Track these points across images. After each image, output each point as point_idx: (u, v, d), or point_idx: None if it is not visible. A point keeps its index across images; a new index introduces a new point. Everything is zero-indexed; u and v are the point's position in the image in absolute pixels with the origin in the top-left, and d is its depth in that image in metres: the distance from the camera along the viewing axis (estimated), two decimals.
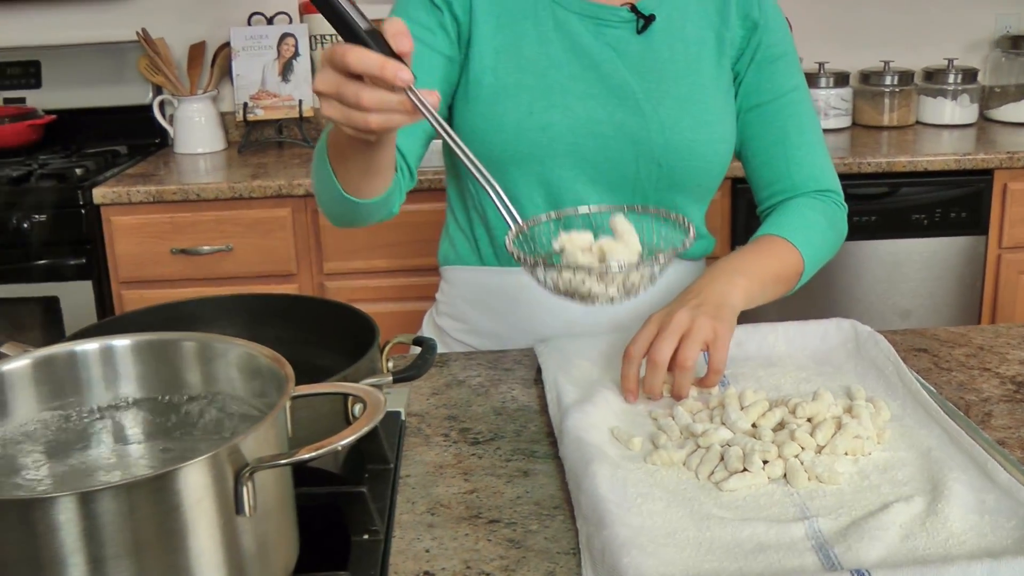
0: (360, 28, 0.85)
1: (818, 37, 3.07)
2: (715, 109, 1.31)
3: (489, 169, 1.22)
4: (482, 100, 1.28)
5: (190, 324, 1.07)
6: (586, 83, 1.28)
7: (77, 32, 3.13)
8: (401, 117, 0.88)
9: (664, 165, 1.29)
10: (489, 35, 1.29)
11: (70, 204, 2.49)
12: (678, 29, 1.31)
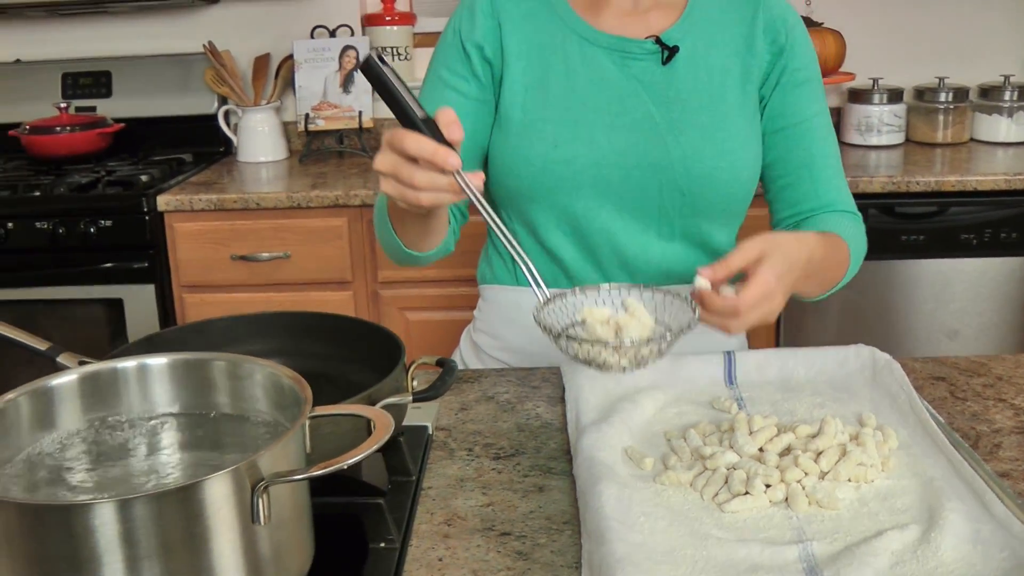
0: (417, 117, 0.97)
1: (873, 52, 3.07)
2: (738, 137, 1.34)
3: (518, 200, 1.31)
4: (512, 134, 1.34)
5: (241, 338, 1.14)
6: (611, 115, 1.32)
7: (146, 44, 3.24)
8: (449, 196, 1.00)
9: (687, 193, 1.33)
10: (519, 72, 1.35)
11: (135, 210, 2.59)
12: (703, 58, 1.34)
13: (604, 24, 1.35)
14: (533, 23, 1.36)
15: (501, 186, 1.37)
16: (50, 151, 2.95)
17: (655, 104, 1.33)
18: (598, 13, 1.36)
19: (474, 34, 1.36)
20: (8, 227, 2.61)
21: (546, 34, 1.36)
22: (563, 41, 1.35)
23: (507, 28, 1.36)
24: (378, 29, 3.13)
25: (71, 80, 3.19)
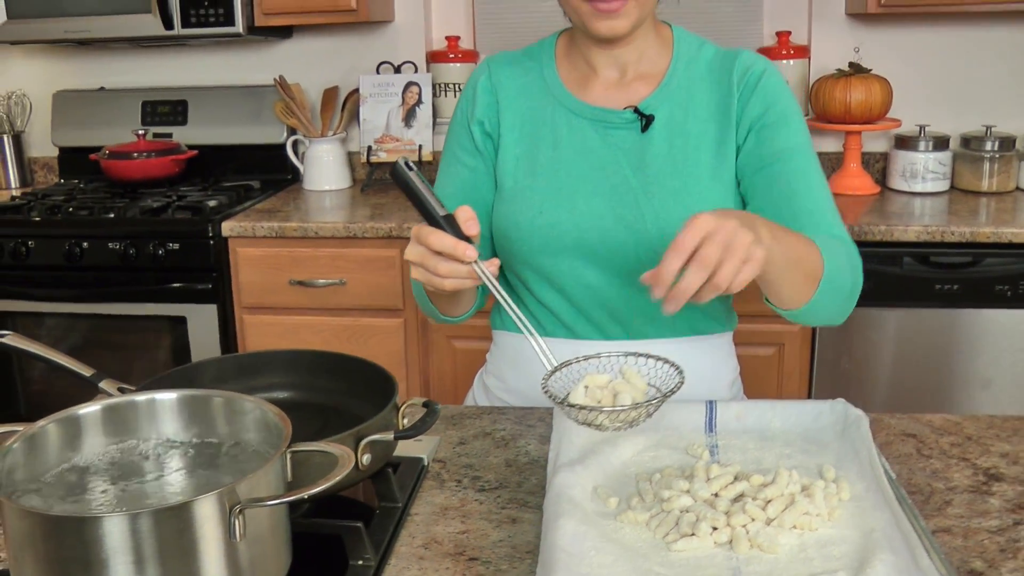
0: (439, 215, 1.15)
1: (920, 100, 3.13)
2: (709, 200, 1.42)
3: (511, 260, 1.43)
4: (504, 201, 1.47)
5: (266, 372, 1.28)
6: (592, 182, 1.43)
7: (222, 75, 3.43)
8: (469, 282, 1.16)
9: (660, 252, 1.41)
10: (512, 144, 1.48)
11: (200, 235, 2.75)
12: (679, 125, 1.44)
13: (590, 96, 1.47)
14: (527, 97, 1.49)
15: (499, 246, 1.50)
16: (127, 175, 3.15)
17: (631, 169, 1.43)
18: (586, 87, 1.48)
19: (476, 112, 1.51)
20: (84, 246, 2.79)
21: (538, 108, 1.48)
22: (552, 114, 1.47)
23: (504, 103, 1.49)
24: (442, 66, 3.27)
25: (150, 108, 3.39)
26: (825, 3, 3.14)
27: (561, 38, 1.53)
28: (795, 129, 1.44)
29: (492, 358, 1.62)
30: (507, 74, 1.52)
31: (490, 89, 1.51)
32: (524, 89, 1.50)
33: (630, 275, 1.45)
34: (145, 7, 2.98)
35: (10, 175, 3.54)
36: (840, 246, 1.37)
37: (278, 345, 2.82)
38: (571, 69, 1.50)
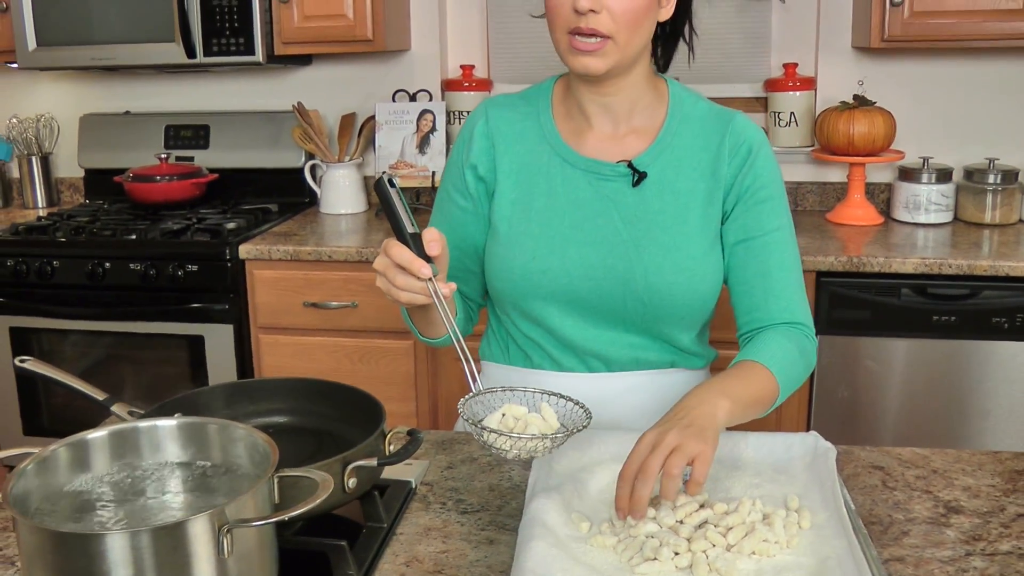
0: (406, 231, 1.26)
1: (925, 132, 3.18)
2: (697, 255, 1.49)
3: (503, 299, 1.52)
4: (499, 244, 1.54)
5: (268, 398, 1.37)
6: (584, 232, 1.50)
7: (243, 100, 3.54)
8: (422, 298, 1.27)
9: (648, 303, 1.49)
10: (508, 189, 1.54)
11: (218, 258, 2.84)
12: (670, 182, 1.50)
13: (585, 148, 1.53)
14: (524, 144, 1.55)
15: (491, 286, 1.58)
16: (149, 197, 3.25)
17: (623, 222, 1.50)
18: (581, 138, 1.54)
19: (471, 156, 1.57)
20: (106, 266, 2.89)
21: (534, 155, 1.54)
22: (547, 163, 1.53)
23: (500, 148, 1.56)
24: (456, 94, 3.36)
25: (173, 132, 3.49)
26: (832, 36, 3.21)
27: (558, 83, 1.59)
28: (780, 211, 1.52)
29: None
30: (505, 120, 1.58)
31: (487, 134, 1.57)
32: (521, 135, 1.56)
33: (616, 322, 1.53)
34: (169, 36, 3.09)
35: (38, 195, 3.65)
36: (795, 351, 1.47)
37: (292, 364, 2.91)
38: (567, 118, 1.56)
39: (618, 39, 1.40)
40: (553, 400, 1.28)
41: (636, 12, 1.40)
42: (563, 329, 1.54)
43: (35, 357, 2.85)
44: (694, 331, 1.58)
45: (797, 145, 3.21)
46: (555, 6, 1.42)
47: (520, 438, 1.17)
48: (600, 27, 1.39)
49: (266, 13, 3.07)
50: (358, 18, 3.04)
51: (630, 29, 1.41)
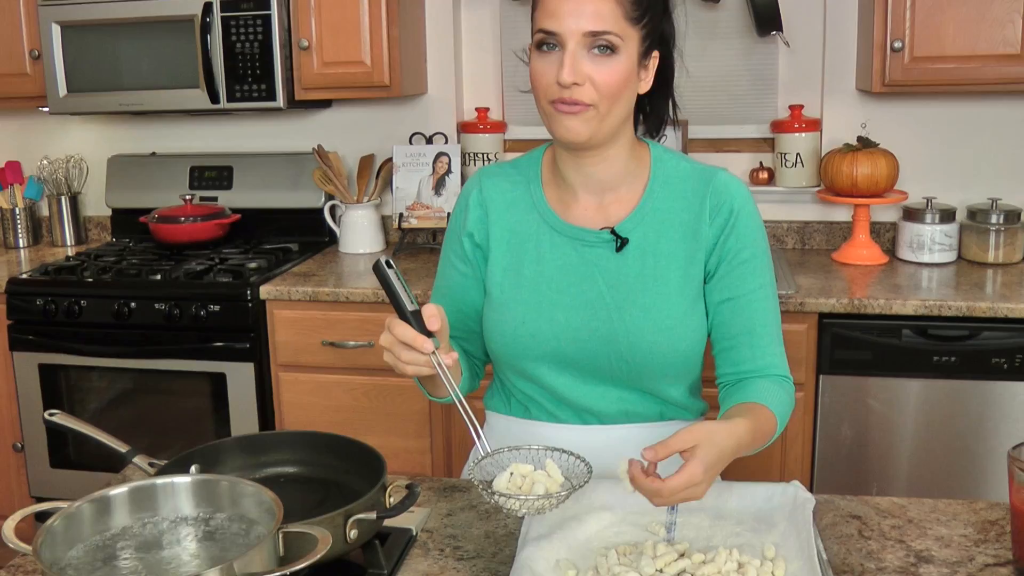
0: (407, 310, 1.36)
1: (928, 172, 3.26)
2: (676, 315, 1.57)
3: (497, 361, 1.64)
4: (492, 308, 1.64)
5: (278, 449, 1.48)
6: (570, 296, 1.59)
7: (265, 142, 3.66)
8: (426, 370, 1.38)
9: (632, 362, 1.58)
10: (500, 256, 1.64)
11: (240, 298, 2.95)
12: (652, 246, 1.58)
13: (572, 216, 1.62)
14: (515, 212, 1.64)
15: (488, 347, 1.69)
16: (174, 238, 3.37)
17: (606, 286, 1.58)
18: (567, 206, 1.62)
19: (467, 224, 1.67)
20: (132, 306, 3.00)
21: (524, 223, 1.64)
22: (536, 230, 1.62)
23: (492, 216, 1.65)
24: (472, 136, 3.46)
25: (197, 172, 3.61)
26: (836, 79, 3.28)
27: (547, 153, 1.68)
28: (762, 268, 1.61)
29: (484, 435, 1.77)
30: (497, 189, 1.67)
31: (481, 203, 1.67)
32: (512, 204, 1.65)
33: (605, 379, 1.61)
34: (194, 82, 3.20)
35: (66, 233, 3.77)
36: (784, 395, 1.59)
37: (310, 401, 3.00)
38: (555, 187, 1.64)
39: (600, 108, 1.49)
40: (556, 455, 1.38)
41: (617, 83, 1.48)
42: (556, 386, 1.62)
43: (63, 392, 2.97)
44: (683, 385, 1.66)
45: (803, 185, 3.29)
46: (539, 77, 1.51)
47: (527, 499, 1.26)
48: (583, 98, 1.47)
49: (287, 60, 3.18)
50: (375, 65, 3.15)
51: (611, 99, 1.49)
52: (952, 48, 2.83)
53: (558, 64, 1.47)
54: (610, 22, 1.46)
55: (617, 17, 1.47)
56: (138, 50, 3.23)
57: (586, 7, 1.45)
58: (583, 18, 1.45)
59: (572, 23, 1.45)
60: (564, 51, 1.46)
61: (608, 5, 1.46)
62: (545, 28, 1.48)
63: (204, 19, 3.15)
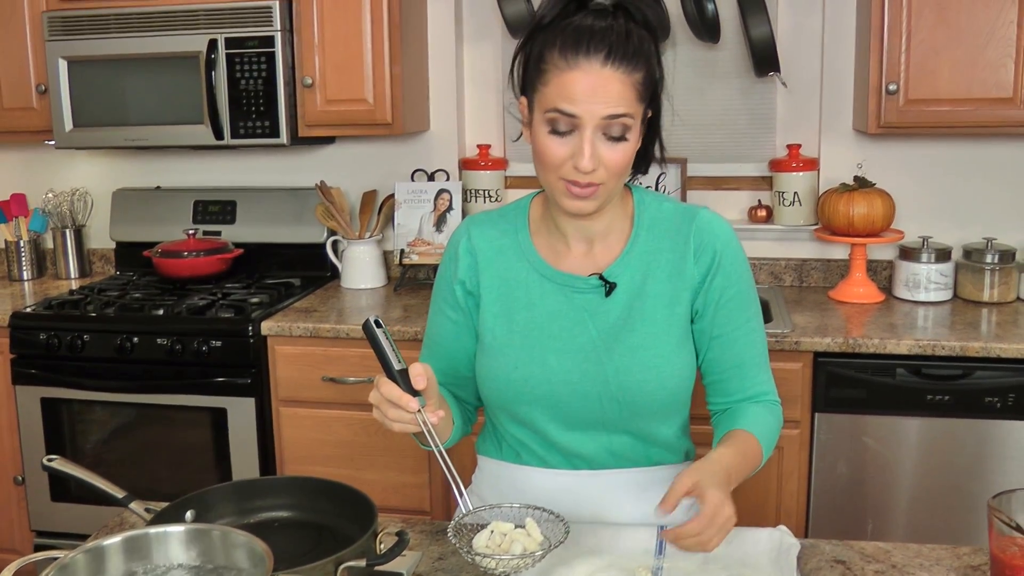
0: (394, 369, 1.40)
1: (924, 211, 3.29)
2: (664, 353, 1.60)
3: (489, 406, 1.68)
4: (484, 354, 1.67)
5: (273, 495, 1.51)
6: (561, 341, 1.62)
7: (268, 177, 3.70)
8: (413, 427, 1.42)
9: (622, 402, 1.60)
10: (491, 302, 1.67)
11: (241, 334, 2.98)
12: (638, 287, 1.62)
13: (561, 263, 1.65)
14: (504, 260, 1.67)
15: (481, 392, 1.71)
16: (177, 272, 3.40)
17: (596, 329, 1.61)
18: (557, 254, 1.66)
19: (458, 273, 1.70)
20: (134, 341, 3.03)
21: (513, 271, 1.67)
22: (526, 278, 1.65)
23: (482, 264, 1.68)
24: (473, 173, 3.50)
25: (201, 207, 3.65)
26: (833, 119, 3.32)
27: (535, 202, 1.71)
28: (748, 302, 1.66)
29: (476, 479, 1.81)
30: (485, 237, 1.70)
31: (470, 251, 1.70)
32: (501, 252, 1.69)
33: (597, 423, 1.64)
34: (198, 119, 3.25)
35: (70, 266, 3.81)
36: (771, 417, 1.67)
37: (311, 436, 3.03)
38: (545, 235, 1.68)
39: (609, 185, 1.52)
40: (537, 513, 1.41)
41: (627, 163, 1.53)
42: (547, 430, 1.65)
43: (65, 426, 2.99)
44: (674, 425, 1.69)
45: (801, 224, 3.32)
46: (550, 157, 1.51)
47: (503, 558, 1.31)
48: (595, 180, 1.50)
49: (290, 97, 3.22)
50: (378, 103, 3.19)
51: (619, 177, 1.54)
52: (946, 91, 2.87)
53: (573, 148, 1.48)
54: (625, 105, 1.47)
55: (631, 100, 1.48)
56: (144, 86, 3.28)
57: (608, 91, 1.46)
58: (603, 103, 1.46)
59: (592, 107, 1.46)
60: (581, 134, 1.47)
61: (626, 89, 1.47)
62: (563, 110, 1.47)
63: (209, 56, 3.19)
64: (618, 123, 1.47)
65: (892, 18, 2.87)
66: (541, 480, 1.65)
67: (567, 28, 1.49)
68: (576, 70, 1.46)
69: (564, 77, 1.47)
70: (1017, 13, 2.79)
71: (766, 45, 3.16)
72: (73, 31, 3.28)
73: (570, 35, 1.48)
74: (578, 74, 1.46)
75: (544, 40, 1.51)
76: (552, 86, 1.48)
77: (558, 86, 1.48)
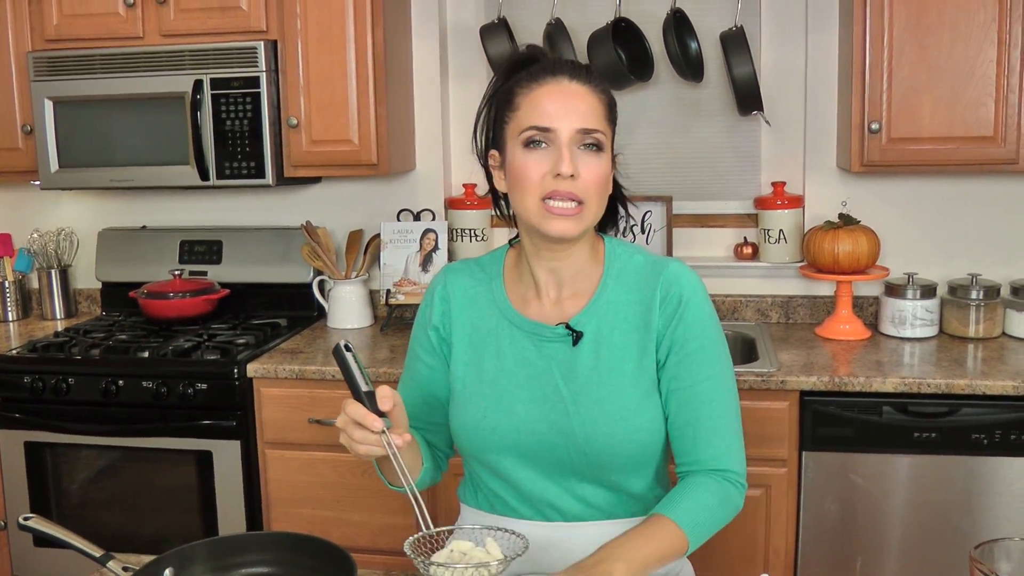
0: (361, 391, 1.41)
1: (909, 248, 3.31)
2: (630, 405, 1.59)
3: (462, 453, 1.70)
4: (455, 401, 1.67)
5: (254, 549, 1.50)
6: (529, 390, 1.62)
7: (254, 217, 3.70)
8: (378, 450, 1.42)
9: (589, 454, 1.60)
10: (462, 351, 1.67)
11: (227, 376, 2.96)
12: (605, 338, 1.61)
13: (530, 311, 1.66)
14: (476, 308, 1.69)
15: (454, 439, 1.71)
16: (162, 313, 3.39)
17: (563, 379, 1.61)
18: (527, 302, 1.67)
19: (432, 319, 1.72)
20: (119, 384, 3.02)
21: (484, 318, 1.68)
22: (496, 325, 1.66)
23: (455, 311, 1.70)
24: (459, 212, 3.50)
25: (187, 247, 3.65)
26: (817, 156, 3.34)
27: (510, 253, 1.73)
28: (712, 359, 1.62)
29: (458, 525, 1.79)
30: (460, 285, 1.72)
31: (445, 298, 1.72)
32: (474, 300, 1.70)
33: (566, 472, 1.63)
34: (184, 159, 3.25)
35: (56, 306, 3.79)
36: (714, 501, 1.58)
37: (297, 478, 3.01)
38: (516, 284, 1.69)
39: (589, 204, 1.55)
40: (498, 535, 1.41)
41: (604, 179, 1.56)
42: (519, 480, 1.64)
43: (48, 469, 2.96)
44: (646, 476, 1.66)
45: (787, 261, 3.32)
46: (529, 173, 1.54)
47: (459, 567, 1.30)
48: (576, 191, 1.52)
49: (276, 137, 3.23)
50: (363, 143, 3.19)
51: (599, 196, 1.56)
52: (928, 130, 2.89)
53: (552, 158, 1.53)
54: (597, 120, 1.56)
55: (601, 117, 1.57)
56: (129, 126, 3.28)
57: (580, 105, 1.54)
58: (577, 116, 1.53)
59: (567, 121, 1.53)
60: (557, 147, 1.53)
61: (596, 104, 1.56)
62: (539, 125, 1.53)
63: (195, 96, 3.20)
64: (592, 137, 1.55)
65: (874, 57, 2.89)
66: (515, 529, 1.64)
67: (537, 66, 1.60)
68: (545, 85, 1.55)
69: (534, 95, 1.55)
70: (996, 52, 2.82)
71: (749, 84, 3.18)
72: (59, 71, 3.28)
73: (533, 70, 1.58)
74: (548, 88, 1.55)
75: (506, 88, 1.60)
76: (523, 109, 1.55)
77: (529, 106, 1.55)
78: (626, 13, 3.26)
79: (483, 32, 3.33)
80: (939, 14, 2.84)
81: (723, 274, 3.41)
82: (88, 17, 3.29)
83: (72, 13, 3.30)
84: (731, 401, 1.64)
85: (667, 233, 3.37)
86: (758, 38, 3.32)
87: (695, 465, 1.62)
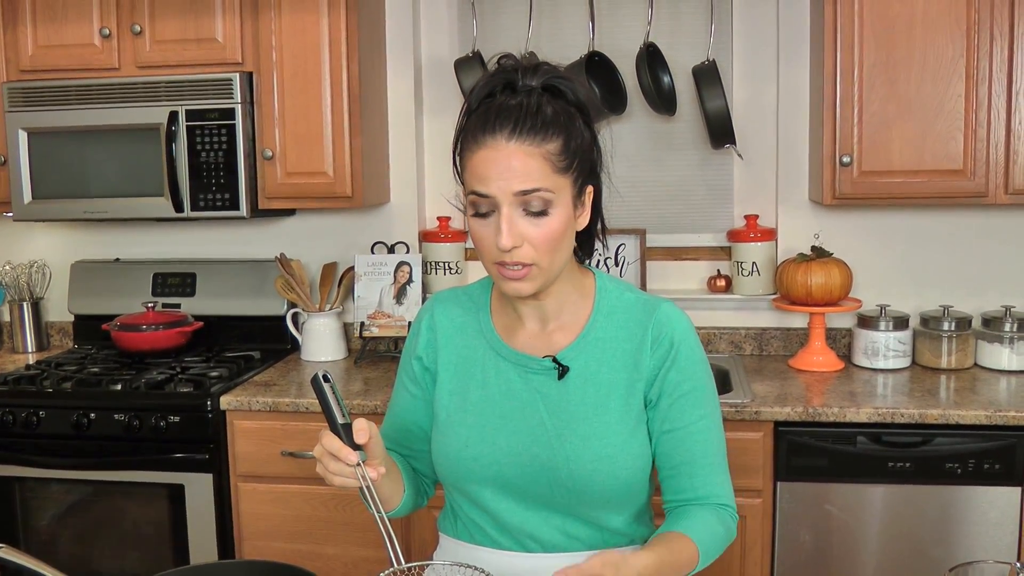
0: (337, 423, 1.43)
1: (882, 280, 3.34)
2: (616, 443, 1.59)
3: (443, 482, 1.69)
4: (438, 431, 1.67)
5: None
6: (513, 421, 1.62)
7: (228, 249, 3.69)
8: (353, 482, 1.43)
9: (572, 489, 1.59)
10: (447, 379, 1.67)
11: (200, 409, 2.94)
12: (593, 374, 1.61)
13: (516, 342, 1.65)
14: (463, 338, 1.69)
15: (435, 468, 1.70)
16: (135, 346, 3.37)
17: (548, 413, 1.61)
18: (513, 333, 1.66)
19: (417, 349, 1.72)
20: (91, 417, 2.99)
21: (471, 349, 1.67)
22: (483, 356, 1.66)
23: (442, 341, 1.69)
24: (433, 245, 3.50)
25: (161, 279, 3.63)
26: (790, 189, 3.37)
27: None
28: (703, 399, 1.63)
29: (436, 557, 1.78)
30: (448, 315, 1.72)
31: (432, 327, 1.72)
32: (461, 329, 1.70)
33: (546, 505, 1.62)
34: (158, 191, 3.24)
35: (28, 339, 3.76)
36: (719, 525, 1.61)
37: (270, 511, 2.98)
38: (503, 314, 1.69)
39: (542, 264, 1.51)
40: (467, 571, 1.41)
41: (555, 238, 1.50)
42: (499, 511, 1.64)
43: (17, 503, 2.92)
44: (626, 514, 1.66)
45: (760, 293, 3.34)
46: (479, 242, 1.52)
47: None
48: (524, 259, 1.49)
49: (251, 169, 3.23)
50: (338, 176, 3.20)
51: (552, 253, 1.52)
52: (899, 163, 2.92)
53: (495, 229, 1.47)
54: (539, 178, 1.47)
55: (546, 173, 1.47)
56: (104, 158, 3.27)
57: (514, 165, 1.45)
58: (513, 178, 1.45)
59: (503, 184, 1.45)
60: (499, 214, 1.46)
61: (535, 162, 1.46)
62: (478, 191, 1.48)
63: (170, 128, 3.19)
64: (535, 198, 1.47)
65: (844, 91, 2.93)
66: (494, 561, 1.62)
67: (486, 111, 1.51)
68: (484, 148, 1.48)
69: (475, 159, 1.49)
70: (964, 87, 2.86)
71: (721, 118, 3.22)
72: (34, 102, 3.27)
73: (480, 117, 1.51)
74: (485, 152, 1.47)
75: (461, 138, 1.54)
76: (468, 170, 1.51)
77: (471, 169, 1.50)
78: (599, 47, 3.30)
79: (457, 65, 3.35)
80: (908, 50, 2.88)
81: (696, 307, 3.42)
82: (64, 48, 3.29)
83: (47, 44, 3.30)
84: (721, 438, 1.66)
85: (641, 266, 3.39)
86: (730, 72, 3.36)
87: (692, 501, 1.62)
